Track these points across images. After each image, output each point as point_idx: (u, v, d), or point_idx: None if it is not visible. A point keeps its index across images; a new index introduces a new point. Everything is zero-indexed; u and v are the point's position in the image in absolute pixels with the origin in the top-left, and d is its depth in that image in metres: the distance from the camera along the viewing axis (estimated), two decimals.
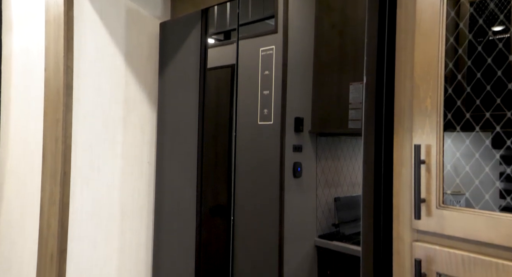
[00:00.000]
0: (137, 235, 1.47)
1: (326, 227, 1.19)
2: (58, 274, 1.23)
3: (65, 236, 1.25)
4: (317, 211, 1.38)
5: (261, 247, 1.13)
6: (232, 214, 1.23)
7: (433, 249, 0.80)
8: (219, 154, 1.35)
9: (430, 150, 0.81)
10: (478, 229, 0.73)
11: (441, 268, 0.79)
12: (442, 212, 0.79)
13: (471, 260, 0.74)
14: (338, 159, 1.69)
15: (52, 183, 1.27)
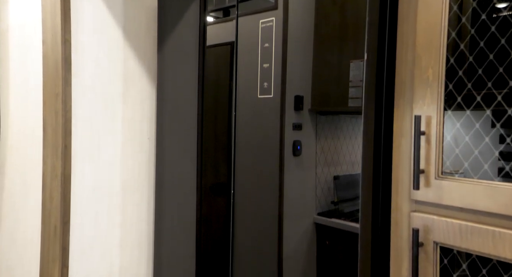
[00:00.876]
0: (138, 210, 1.49)
1: (325, 205, 1.20)
2: (62, 246, 1.25)
3: (67, 209, 1.27)
4: (316, 189, 1.40)
5: (261, 224, 1.14)
6: (232, 192, 1.24)
7: (431, 219, 0.81)
8: (219, 131, 1.35)
9: (430, 121, 0.81)
10: (476, 198, 0.74)
11: (438, 237, 0.80)
12: (440, 182, 0.79)
13: (468, 229, 0.75)
14: (337, 138, 1.69)
15: (54, 156, 1.28)
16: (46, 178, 1.31)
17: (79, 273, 1.31)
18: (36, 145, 1.43)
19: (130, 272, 1.45)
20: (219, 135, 1.34)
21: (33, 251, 1.47)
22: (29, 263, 1.49)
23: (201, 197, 1.32)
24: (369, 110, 0.93)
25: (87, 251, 1.33)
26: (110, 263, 1.39)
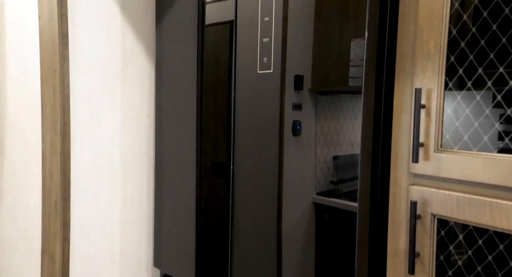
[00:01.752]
0: (139, 188, 1.50)
1: (324, 185, 1.20)
2: (63, 221, 1.27)
3: (67, 185, 1.27)
4: (315, 169, 1.40)
5: (260, 204, 1.15)
6: (231, 172, 1.24)
7: (429, 192, 0.81)
8: (218, 111, 1.34)
9: (431, 94, 0.80)
10: (475, 170, 0.74)
11: (436, 210, 0.81)
12: (439, 155, 0.79)
13: (466, 201, 0.76)
14: (337, 119, 1.69)
15: (53, 133, 1.27)
16: (46, 155, 1.31)
17: (80, 248, 1.33)
18: (35, 122, 1.42)
19: (131, 248, 1.47)
20: (218, 115, 1.34)
21: (35, 227, 1.49)
22: (31, 239, 1.51)
23: (201, 175, 1.33)
24: (369, 85, 0.93)
25: (88, 227, 1.35)
26: (111, 239, 1.41)
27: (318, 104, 1.52)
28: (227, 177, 1.26)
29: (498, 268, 0.73)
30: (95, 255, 1.36)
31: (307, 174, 1.21)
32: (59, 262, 1.26)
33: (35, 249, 1.51)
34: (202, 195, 1.32)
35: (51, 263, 1.28)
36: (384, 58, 0.91)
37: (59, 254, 1.26)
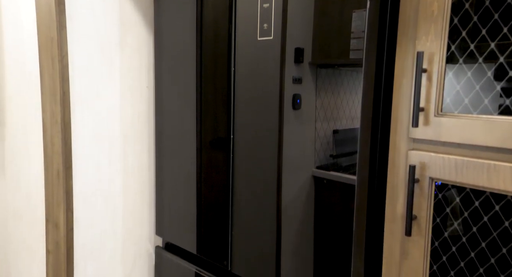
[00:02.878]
0: (140, 158, 1.51)
1: (324, 159, 1.21)
2: (66, 190, 1.28)
3: (69, 154, 1.28)
4: (315, 143, 1.40)
5: (260, 177, 1.16)
6: (231, 146, 1.24)
7: (428, 156, 0.82)
8: (218, 83, 1.33)
9: (433, 58, 0.80)
10: (474, 133, 0.74)
11: (434, 173, 0.81)
12: (440, 119, 0.80)
13: (464, 164, 0.76)
14: (338, 93, 1.67)
15: (53, 103, 1.27)
16: (46, 125, 1.31)
17: (83, 217, 1.35)
18: (34, 92, 1.42)
19: (133, 217, 1.49)
20: (218, 89, 1.33)
21: (38, 196, 1.51)
22: (34, 207, 1.54)
23: (201, 145, 1.33)
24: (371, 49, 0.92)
25: (91, 196, 1.37)
26: (113, 208, 1.43)
27: (318, 78, 1.51)
28: (227, 151, 1.26)
29: (493, 228, 0.75)
30: (98, 223, 1.39)
31: (307, 148, 1.21)
32: (63, 230, 1.28)
33: (39, 217, 1.54)
34: (203, 166, 1.33)
35: (55, 230, 1.31)
36: (386, 25, 0.90)
37: (63, 222, 1.28)
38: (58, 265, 1.30)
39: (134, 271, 1.51)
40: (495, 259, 0.75)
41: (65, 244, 1.28)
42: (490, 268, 0.76)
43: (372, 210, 0.98)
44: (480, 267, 0.77)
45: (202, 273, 1.34)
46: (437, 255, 0.83)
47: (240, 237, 1.21)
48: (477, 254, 0.77)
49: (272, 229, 1.13)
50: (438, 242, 0.83)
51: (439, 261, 0.83)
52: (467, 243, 0.79)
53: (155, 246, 1.54)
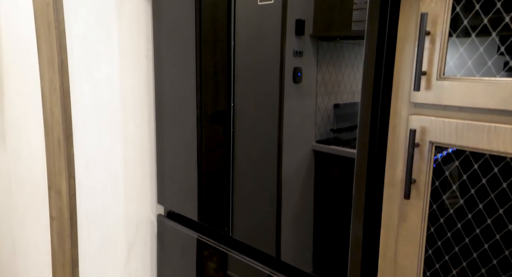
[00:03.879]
0: (140, 128, 1.51)
1: (324, 133, 1.20)
2: (67, 158, 1.29)
3: (69, 123, 1.28)
4: (316, 117, 1.40)
5: (260, 151, 1.16)
6: (232, 119, 1.24)
7: (428, 120, 0.82)
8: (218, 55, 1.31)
9: (437, 20, 0.78)
10: (476, 95, 0.74)
11: (434, 137, 0.82)
12: (442, 83, 0.79)
13: (465, 127, 0.76)
14: (339, 66, 1.65)
15: (51, 71, 1.26)
16: (45, 93, 1.30)
17: (85, 185, 1.37)
18: (32, 61, 1.40)
19: (134, 185, 1.51)
20: (218, 60, 1.31)
21: (40, 167, 1.52)
22: (36, 178, 1.55)
23: (201, 115, 1.33)
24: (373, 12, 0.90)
25: (92, 165, 1.38)
26: (114, 177, 1.44)
27: (319, 51, 1.48)
28: (227, 124, 1.26)
29: (491, 190, 0.76)
30: (100, 191, 1.41)
31: (307, 122, 1.21)
32: (66, 197, 1.30)
33: (41, 187, 1.56)
34: (203, 137, 1.33)
35: (58, 198, 1.32)
36: None
37: (66, 189, 1.30)
38: (62, 230, 1.32)
39: (137, 238, 1.54)
40: (492, 219, 0.76)
41: (68, 211, 1.30)
42: (486, 229, 0.77)
43: (371, 176, 0.99)
44: (477, 228, 0.78)
45: (203, 239, 1.37)
46: (435, 217, 0.85)
47: (241, 206, 1.23)
48: (474, 215, 0.79)
49: (272, 200, 1.15)
50: (436, 205, 0.84)
51: (436, 223, 0.85)
52: (465, 205, 0.80)
53: (157, 214, 1.57)
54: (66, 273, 1.33)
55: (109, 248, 1.46)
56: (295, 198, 1.09)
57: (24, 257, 1.80)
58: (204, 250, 1.37)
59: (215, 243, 1.33)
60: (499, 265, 0.76)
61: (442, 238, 0.84)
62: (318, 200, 1.04)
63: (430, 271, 0.86)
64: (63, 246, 1.33)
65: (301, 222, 1.08)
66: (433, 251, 0.85)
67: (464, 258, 0.80)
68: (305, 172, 1.09)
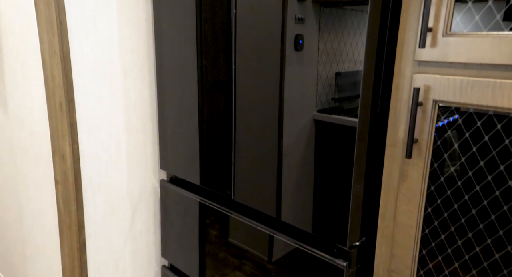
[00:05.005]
0: (141, 93, 1.50)
1: (325, 102, 1.19)
2: (70, 122, 1.29)
3: (70, 87, 1.27)
4: (317, 86, 1.38)
5: (261, 121, 1.15)
6: (233, 88, 1.23)
7: (432, 78, 0.81)
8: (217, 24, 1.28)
9: None
10: (482, 51, 0.73)
11: (438, 96, 0.81)
12: (448, 39, 0.78)
13: (469, 84, 0.76)
14: (341, 34, 1.62)
15: (50, 33, 1.24)
16: (45, 56, 1.29)
17: (88, 150, 1.38)
18: (30, 23, 1.37)
19: (137, 151, 1.52)
20: (218, 27, 1.28)
21: (43, 130, 1.53)
22: (39, 142, 1.56)
23: (202, 84, 1.32)
24: None
25: (94, 130, 1.38)
26: (116, 143, 1.45)
27: (321, 18, 1.45)
28: (229, 92, 1.25)
29: (493, 147, 0.76)
30: (103, 156, 1.42)
31: (309, 91, 1.20)
32: (70, 161, 1.31)
33: (45, 153, 1.57)
34: (205, 105, 1.32)
35: (62, 162, 1.34)
36: None
37: (69, 153, 1.31)
38: (67, 194, 1.34)
39: (141, 203, 1.57)
40: (492, 176, 0.77)
41: (72, 174, 1.32)
42: (486, 186, 0.78)
43: (373, 137, 0.99)
44: (477, 185, 0.79)
45: (206, 203, 1.39)
46: (436, 176, 0.85)
47: (243, 171, 1.24)
48: (474, 173, 0.79)
49: (273, 166, 1.15)
50: (437, 164, 0.85)
51: (437, 181, 0.85)
52: (466, 163, 0.80)
53: (160, 180, 1.59)
54: (73, 234, 1.37)
55: (113, 211, 1.49)
56: (296, 164, 1.10)
57: (31, 222, 1.84)
58: (207, 213, 1.40)
59: (217, 206, 1.35)
60: (497, 221, 0.77)
61: (441, 196, 0.85)
62: (318, 166, 1.04)
63: (429, 228, 0.88)
64: (69, 209, 1.35)
65: (301, 185, 1.09)
66: (433, 209, 0.87)
67: (463, 215, 0.82)
68: (306, 142, 1.09)
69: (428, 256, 0.89)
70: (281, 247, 1.17)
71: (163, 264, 1.67)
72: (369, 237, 1.04)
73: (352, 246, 1.01)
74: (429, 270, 0.88)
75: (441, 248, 0.86)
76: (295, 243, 1.11)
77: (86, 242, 1.41)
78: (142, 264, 1.62)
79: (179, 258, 1.55)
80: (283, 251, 1.18)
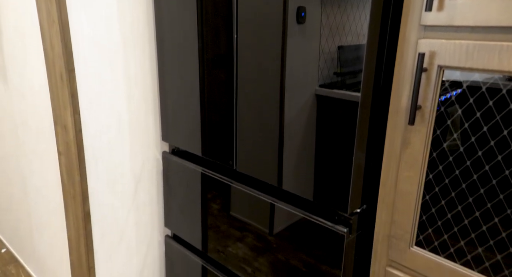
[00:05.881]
0: (141, 65, 1.48)
1: (327, 76, 1.17)
2: (71, 93, 1.28)
3: (70, 55, 1.26)
4: (319, 60, 1.36)
5: (263, 96, 1.14)
6: (235, 62, 1.21)
7: (438, 43, 0.80)
8: None
9: None
10: (490, 13, 0.71)
11: (443, 61, 0.80)
12: (455, 2, 0.76)
13: (476, 48, 0.75)
14: (344, 7, 1.58)
15: (48, 1, 1.21)
16: (44, 26, 1.26)
17: (90, 121, 1.37)
18: None
19: (139, 123, 1.52)
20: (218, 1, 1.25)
21: (44, 102, 1.52)
22: (41, 114, 1.56)
23: (203, 56, 1.30)
24: None
25: (95, 101, 1.37)
26: (118, 114, 1.45)
27: None
28: (231, 64, 1.23)
29: (497, 111, 0.76)
30: (105, 127, 1.42)
31: (311, 65, 1.18)
32: (72, 132, 1.31)
33: (46, 124, 1.57)
34: (206, 75, 1.31)
35: (64, 133, 1.34)
36: None
37: (71, 124, 1.31)
38: (70, 165, 1.35)
39: (143, 174, 1.58)
40: (495, 141, 0.77)
41: (75, 145, 1.32)
42: (488, 151, 0.78)
43: (376, 105, 0.99)
44: (479, 150, 0.79)
45: (208, 173, 1.40)
46: (438, 142, 0.86)
47: (245, 142, 1.24)
48: (477, 138, 0.79)
49: (275, 139, 1.15)
50: (440, 130, 0.85)
51: (439, 148, 0.86)
52: (469, 129, 0.80)
53: (162, 151, 1.59)
54: (77, 204, 1.39)
55: (116, 183, 1.50)
56: (298, 135, 1.10)
57: (35, 195, 1.87)
58: (209, 183, 1.41)
59: (219, 176, 1.36)
60: (498, 186, 0.78)
61: (443, 163, 0.85)
62: (320, 137, 1.04)
63: (430, 194, 0.89)
64: (73, 179, 1.37)
65: (303, 155, 1.10)
66: (434, 176, 0.87)
67: (464, 180, 0.82)
68: (307, 116, 1.08)
69: (428, 222, 0.90)
70: (282, 220, 1.19)
71: (167, 234, 1.71)
72: (370, 205, 1.06)
73: (352, 213, 1.02)
74: (429, 235, 0.90)
75: (441, 213, 0.87)
76: (296, 211, 1.13)
77: (91, 212, 1.43)
78: (146, 233, 1.65)
79: (182, 228, 1.58)
80: (283, 224, 1.20)
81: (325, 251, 1.08)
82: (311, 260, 1.13)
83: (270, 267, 1.26)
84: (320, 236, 1.08)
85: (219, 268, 1.47)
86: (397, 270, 0.98)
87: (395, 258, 0.97)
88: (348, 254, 1.04)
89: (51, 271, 1.91)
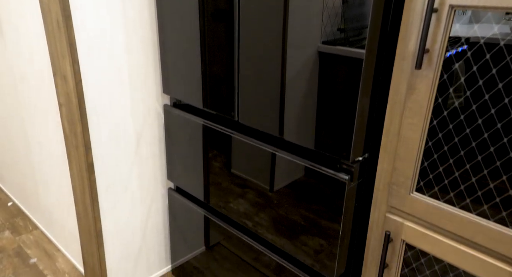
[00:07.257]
0: (140, 14, 1.43)
1: (330, 33, 1.13)
2: (69, 42, 1.25)
3: (66, 1, 1.21)
4: (322, 15, 1.30)
5: (264, 50, 1.11)
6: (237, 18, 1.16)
7: None
8: None
9: None
10: None
11: (455, 0, 0.77)
12: None
13: None
14: None
15: None
16: None
17: (90, 72, 1.35)
18: None
19: (139, 75, 1.50)
20: None
21: (42, 54, 1.49)
22: (39, 66, 1.54)
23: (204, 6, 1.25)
24: None
25: (94, 49, 1.34)
26: (118, 65, 1.42)
27: None
28: (231, 18, 1.19)
29: (508, 54, 0.74)
30: (105, 79, 1.40)
31: (313, 21, 1.13)
32: (72, 82, 1.30)
33: (45, 77, 1.55)
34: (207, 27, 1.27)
35: (64, 83, 1.32)
36: None
37: (71, 74, 1.29)
38: (71, 116, 1.35)
39: (145, 127, 1.58)
40: (503, 84, 0.75)
41: (76, 96, 1.31)
42: (496, 94, 0.77)
43: (382, 52, 0.96)
44: (486, 94, 0.78)
45: (209, 125, 1.40)
46: (444, 88, 0.84)
47: (246, 94, 1.22)
48: (485, 82, 0.78)
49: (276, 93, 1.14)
50: (447, 75, 0.83)
51: (445, 93, 0.84)
52: (478, 72, 0.79)
53: (163, 104, 1.58)
54: (80, 155, 1.40)
55: (119, 136, 1.50)
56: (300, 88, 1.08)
57: (38, 148, 1.88)
58: (210, 136, 1.41)
59: (221, 127, 1.36)
60: (503, 130, 0.77)
61: (449, 108, 0.84)
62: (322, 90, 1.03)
63: (433, 140, 0.88)
64: (75, 130, 1.37)
65: (305, 105, 1.09)
66: (438, 122, 0.87)
67: (468, 125, 0.82)
68: (310, 74, 1.06)
69: (429, 168, 0.90)
70: (282, 178, 1.20)
71: (170, 187, 1.73)
72: (372, 153, 1.06)
73: (354, 161, 1.03)
74: (429, 181, 0.91)
75: (443, 159, 0.88)
76: (297, 159, 1.14)
77: (94, 164, 1.45)
78: (149, 186, 1.67)
79: (185, 180, 1.60)
80: (284, 182, 1.21)
81: (326, 202, 1.10)
82: (311, 215, 1.15)
83: (270, 221, 1.29)
84: (321, 189, 1.10)
85: (221, 217, 1.51)
86: (396, 216, 1.00)
87: (395, 204, 0.99)
88: (348, 202, 1.06)
89: (58, 222, 1.96)
